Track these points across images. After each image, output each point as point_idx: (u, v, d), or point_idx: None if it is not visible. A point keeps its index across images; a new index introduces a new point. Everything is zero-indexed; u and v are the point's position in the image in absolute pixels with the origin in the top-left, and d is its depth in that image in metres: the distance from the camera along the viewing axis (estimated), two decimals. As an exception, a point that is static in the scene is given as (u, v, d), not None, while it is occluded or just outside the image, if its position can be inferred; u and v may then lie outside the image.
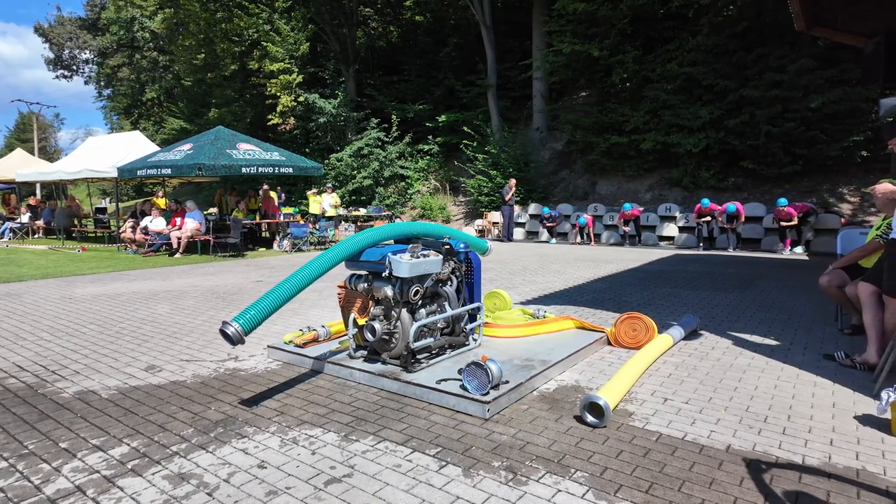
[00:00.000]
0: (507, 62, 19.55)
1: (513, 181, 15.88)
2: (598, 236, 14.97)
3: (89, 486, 2.39)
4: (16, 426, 3.04)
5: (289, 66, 20.53)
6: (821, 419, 3.09)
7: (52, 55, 40.45)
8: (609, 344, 4.58)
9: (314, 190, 17.45)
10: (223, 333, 3.04)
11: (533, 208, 16.61)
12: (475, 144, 18.13)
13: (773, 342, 4.66)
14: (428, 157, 20.70)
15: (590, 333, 4.58)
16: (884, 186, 3.58)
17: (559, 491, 2.34)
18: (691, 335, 4.81)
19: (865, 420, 3.06)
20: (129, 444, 2.80)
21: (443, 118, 19.84)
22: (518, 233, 16.52)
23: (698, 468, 2.54)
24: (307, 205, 17.44)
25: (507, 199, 15.68)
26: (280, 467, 2.54)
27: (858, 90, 11.74)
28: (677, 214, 13.65)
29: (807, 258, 10.80)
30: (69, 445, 2.80)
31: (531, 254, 12.09)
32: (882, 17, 5.92)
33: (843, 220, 11.48)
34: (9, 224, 17.45)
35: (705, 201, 12.33)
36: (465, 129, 18.47)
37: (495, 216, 16.78)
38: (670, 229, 13.83)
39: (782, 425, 3.01)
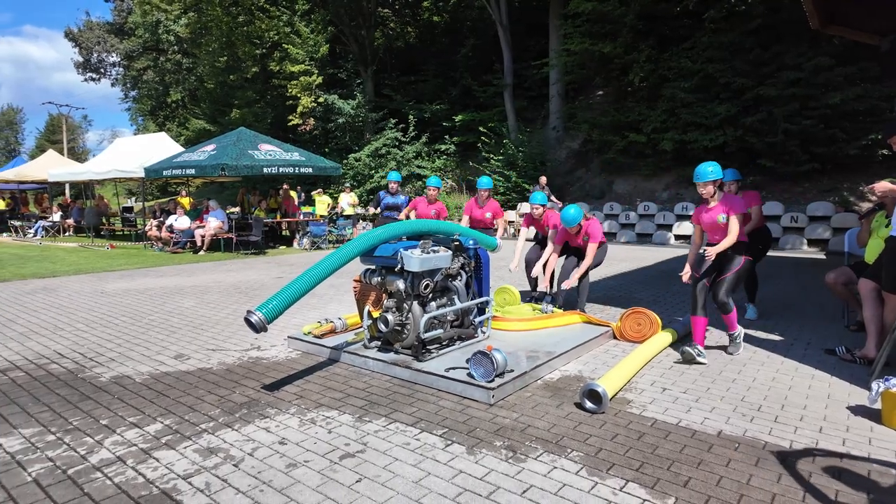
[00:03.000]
0: (523, 61, 19.64)
1: (543, 179, 14.39)
2: (613, 235, 15.02)
3: (129, 457, 2.65)
4: (60, 405, 3.33)
5: (309, 67, 20.92)
6: (814, 409, 3.21)
7: (80, 59, 41.69)
8: (615, 338, 4.73)
9: (319, 190, 17.68)
10: (247, 321, 3.29)
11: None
12: (491, 143, 18.26)
13: (777, 338, 4.75)
14: (444, 156, 20.90)
15: (595, 328, 4.74)
16: (882, 185, 3.67)
17: (555, 468, 2.53)
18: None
19: (857, 410, 3.18)
20: (162, 422, 3.06)
21: (459, 118, 20.02)
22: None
23: (688, 450, 2.70)
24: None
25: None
26: (299, 444, 2.78)
27: (878, 87, 11.60)
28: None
29: (823, 257, 10.74)
30: (109, 422, 3.07)
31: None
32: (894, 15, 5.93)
33: (860, 216, 11.37)
34: (41, 223, 18.14)
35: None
36: (481, 129, 18.57)
37: (510, 215, 16.89)
38: (686, 228, 13.81)
39: (775, 414, 3.14)
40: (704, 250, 4.11)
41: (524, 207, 16.90)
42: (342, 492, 2.32)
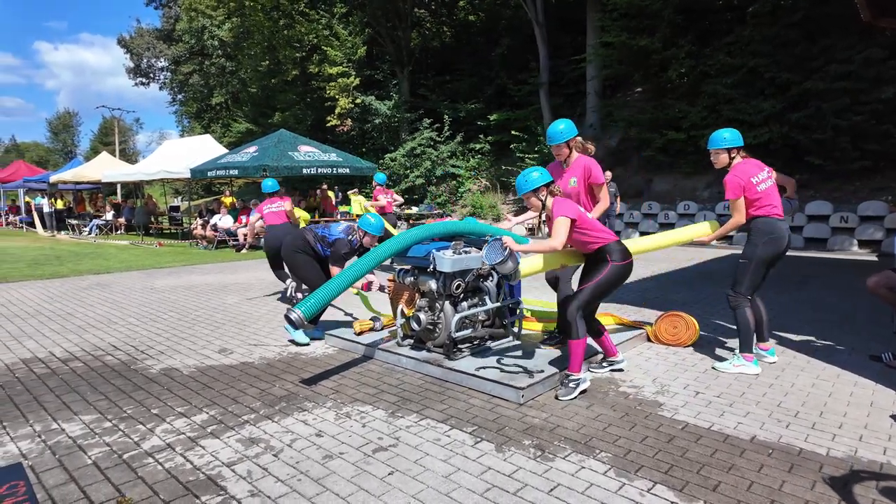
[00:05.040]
0: (559, 59, 19.47)
1: (608, 174, 12.49)
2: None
3: (178, 445, 2.83)
4: (115, 395, 3.57)
5: (346, 69, 21.31)
6: (854, 416, 3.13)
7: (132, 64, 43.65)
8: (648, 340, 4.69)
9: (354, 190, 17.96)
10: (287, 319, 3.44)
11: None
12: (524, 145, 18.18)
13: (820, 342, 4.61)
14: (479, 155, 20.93)
15: (628, 330, 4.71)
16: None
17: (583, 468, 2.56)
18: None
19: (902, 419, 3.08)
20: (207, 413, 3.24)
21: (494, 117, 20.01)
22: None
23: (720, 455, 2.68)
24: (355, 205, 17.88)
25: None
26: (335, 436, 2.90)
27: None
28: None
29: (875, 258, 10.27)
30: (159, 412, 3.27)
31: (580, 252, 12.10)
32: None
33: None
34: (96, 221, 19.11)
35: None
36: (513, 132, 18.46)
37: (546, 214, 16.77)
38: (728, 228, 13.43)
39: (812, 420, 3.08)
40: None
41: None
42: (375, 483, 2.43)
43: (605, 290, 3.46)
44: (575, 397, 3.36)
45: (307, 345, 4.68)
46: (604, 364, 3.87)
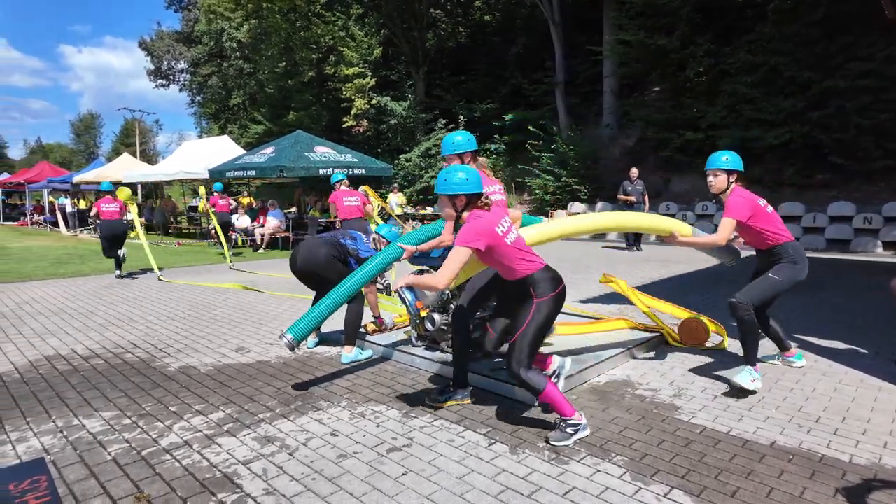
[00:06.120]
0: (575, 58, 19.35)
1: (634, 171, 11.69)
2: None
3: (195, 442, 2.86)
4: (135, 392, 3.63)
5: (362, 70, 21.42)
6: (878, 422, 3.06)
7: (152, 67, 44.31)
8: (666, 343, 4.64)
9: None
10: (283, 340, 3.49)
11: (599, 207, 16.39)
12: (540, 143, 18.10)
13: (841, 346, 4.52)
14: (494, 155, 20.88)
15: (644, 333, 4.67)
16: None
17: (598, 471, 2.54)
18: None
19: (928, 426, 3.00)
20: (224, 411, 3.28)
21: (509, 117, 19.95)
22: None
23: (738, 460, 2.64)
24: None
25: (625, 198, 11.60)
26: (349, 436, 2.91)
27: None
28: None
29: (901, 261, 10.03)
30: (177, 409, 3.32)
31: (597, 253, 12.01)
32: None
33: None
34: (117, 221, 19.43)
35: None
36: (530, 128, 18.37)
37: (560, 215, 16.68)
38: (747, 229, 13.21)
39: (834, 426, 3.01)
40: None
41: (575, 207, 16.67)
42: (388, 483, 2.43)
43: (539, 334, 2.85)
44: (569, 444, 2.77)
45: (369, 358, 4.32)
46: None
